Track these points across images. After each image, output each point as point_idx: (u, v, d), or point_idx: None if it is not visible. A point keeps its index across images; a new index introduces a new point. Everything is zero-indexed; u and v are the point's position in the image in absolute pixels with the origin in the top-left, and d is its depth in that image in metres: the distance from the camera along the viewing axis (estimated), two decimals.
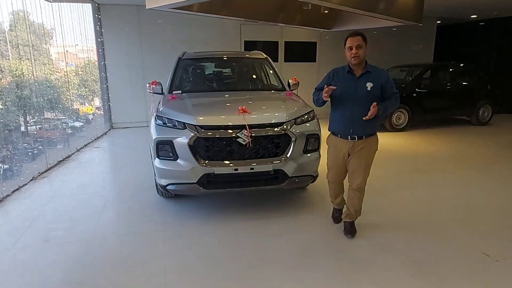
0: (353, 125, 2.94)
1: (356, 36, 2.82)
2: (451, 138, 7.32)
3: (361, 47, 2.81)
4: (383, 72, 2.96)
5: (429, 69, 8.56)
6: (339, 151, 3.06)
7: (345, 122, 2.96)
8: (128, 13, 8.16)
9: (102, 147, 6.82)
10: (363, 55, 2.84)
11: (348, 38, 2.86)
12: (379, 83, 2.88)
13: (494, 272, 2.70)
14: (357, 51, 2.81)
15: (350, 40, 2.84)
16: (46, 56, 6.75)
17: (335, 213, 3.49)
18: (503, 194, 4.25)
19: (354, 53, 2.82)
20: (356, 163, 3.03)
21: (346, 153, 3.03)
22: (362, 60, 2.87)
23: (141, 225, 3.49)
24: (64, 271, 2.74)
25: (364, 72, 2.90)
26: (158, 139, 3.47)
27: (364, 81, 2.88)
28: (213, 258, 2.91)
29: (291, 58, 9.41)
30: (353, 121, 2.93)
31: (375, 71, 2.92)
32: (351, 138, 2.97)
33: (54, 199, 4.17)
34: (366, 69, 2.91)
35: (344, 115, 2.97)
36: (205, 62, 5.38)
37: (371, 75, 2.89)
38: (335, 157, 3.11)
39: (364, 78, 2.90)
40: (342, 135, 3.02)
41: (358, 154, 3.00)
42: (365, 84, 2.87)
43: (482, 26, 10.88)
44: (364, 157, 3.01)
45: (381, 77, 2.90)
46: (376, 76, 2.89)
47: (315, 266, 2.78)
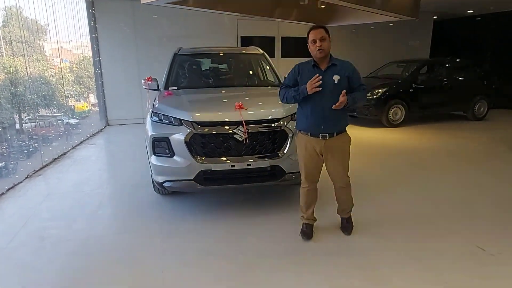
0: (324, 121, 2.82)
1: (319, 28, 2.77)
2: (447, 133, 7.34)
3: (325, 40, 2.75)
4: (349, 64, 2.89)
5: (426, 64, 8.57)
6: (310, 150, 2.92)
7: (315, 118, 2.83)
8: (123, 8, 8.07)
9: (98, 144, 6.78)
10: (327, 48, 2.78)
11: (311, 31, 2.80)
12: (346, 75, 2.81)
13: (489, 266, 2.71)
14: (322, 44, 2.74)
15: (313, 33, 2.77)
16: (40, 52, 6.67)
17: (306, 228, 3.12)
18: (499, 189, 4.27)
19: (319, 46, 2.74)
20: (336, 166, 2.96)
21: (318, 152, 2.90)
22: (327, 53, 2.80)
23: (138, 223, 3.47)
24: (59, 270, 2.72)
25: (329, 65, 2.83)
26: (154, 136, 3.44)
27: (331, 75, 2.80)
28: (211, 254, 2.90)
29: (288, 54, 9.37)
30: (323, 117, 2.81)
31: (340, 64, 2.85)
32: (322, 136, 2.84)
33: (50, 197, 4.14)
34: (332, 62, 2.83)
35: (314, 111, 2.84)
36: (201, 58, 5.34)
37: (337, 68, 2.82)
38: (307, 156, 2.94)
39: (330, 71, 2.82)
40: (312, 133, 2.88)
41: (333, 155, 2.91)
42: (331, 77, 2.79)
43: (479, 21, 10.89)
44: (341, 157, 2.96)
45: (347, 69, 2.84)
46: (342, 68, 2.82)
47: (313, 262, 2.78)
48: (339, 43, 9.75)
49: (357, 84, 2.87)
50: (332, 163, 2.95)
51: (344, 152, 2.96)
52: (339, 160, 2.95)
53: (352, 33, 9.85)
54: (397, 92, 7.75)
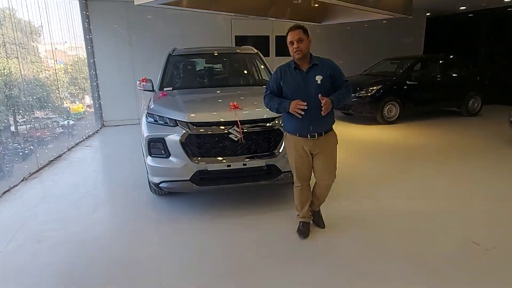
0: (311, 122, 2.80)
1: (296, 29, 2.71)
2: (441, 129, 7.40)
3: (303, 40, 2.70)
4: (330, 62, 2.86)
5: (419, 61, 8.62)
6: (300, 150, 2.92)
7: (302, 120, 2.78)
8: (117, 9, 8.05)
9: (93, 146, 6.76)
10: (305, 49, 2.73)
11: (288, 32, 2.74)
12: (328, 74, 2.78)
13: (484, 261, 2.75)
14: (299, 45, 2.70)
15: (290, 34, 2.73)
16: (35, 54, 6.65)
17: (302, 227, 3.14)
18: (492, 184, 4.31)
19: (296, 47, 2.71)
20: (324, 164, 2.97)
21: (307, 151, 2.91)
22: (305, 53, 2.76)
23: (135, 224, 3.48)
24: (57, 272, 2.73)
25: (310, 66, 2.79)
26: (149, 137, 3.45)
27: (313, 75, 2.77)
28: (208, 255, 2.92)
29: (282, 53, 9.35)
30: (310, 118, 2.77)
31: (321, 63, 2.82)
32: (310, 136, 2.83)
33: (46, 199, 4.13)
34: (312, 62, 2.79)
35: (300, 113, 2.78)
36: (195, 58, 5.35)
37: (318, 68, 2.79)
38: (297, 157, 2.95)
39: (312, 72, 2.78)
40: (300, 133, 2.87)
41: (322, 154, 2.92)
42: (314, 78, 2.76)
43: (471, 18, 10.96)
44: (330, 156, 2.97)
45: (329, 68, 2.80)
46: (323, 68, 2.79)
47: (309, 261, 2.80)
48: (333, 42, 9.81)
49: (340, 81, 2.84)
50: (322, 161, 2.96)
51: (332, 149, 2.98)
52: (329, 157, 2.96)
53: (346, 31, 9.89)
54: (391, 89, 7.79)
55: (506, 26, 10.10)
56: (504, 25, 10.14)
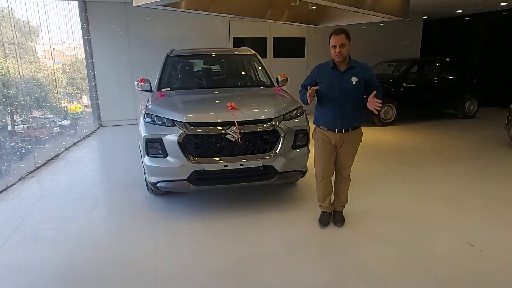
0: (340, 118, 3.04)
1: (340, 34, 2.90)
2: (438, 131, 7.45)
3: (345, 46, 2.90)
4: (367, 68, 3.09)
5: (416, 63, 8.68)
6: (327, 143, 3.13)
7: (332, 115, 3.05)
8: (115, 10, 8.06)
9: (91, 146, 6.77)
10: (346, 53, 2.94)
11: (332, 36, 2.94)
12: (364, 78, 2.99)
13: (478, 262, 2.78)
14: (341, 50, 2.90)
15: (334, 38, 2.92)
16: (33, 54, 6.65)
17: (323, 216, 3.38)
18: (488, 185, 4.36)
19: (338, 52, 2.91)
20: (346, 156, 3.18)
21: (333, 144, 3.12)
22: (345, 57, 2.97)
23: (132, 223, 3.50)
24: (54, 271, 2.74)
25: (348, 68, 3.00)
26: (147, 137, 3.47)
27: (349, 76, 2.98)
28: (204, 254, 2.94)
29: (280, 54, 9.43)
30: (340, 115, 3.02)
31: (358, 66, 3.03)
32: (338, 130, 3.05)
33: (43, 198, 4.14)
34: (350, 64, 3.01)
35: (331, 109, 3.05)
36: (193, 59, 5.37)
37: (355, 70, 3.00)
38: (323, 149, 3.16)
39: (348, 73, 3.00)
40: (329, 127, 3.09)
41: (346, 147, 3.13)
42: (350, 79, 2.97)
43: (467, 21, 11.05)
44: (352, 150, 3.18)
45: (365, 73, 3.02)
46: (360, 71, 3.01)
47: (306, 261, 2.83)
48: None
49: (373, 86, 3.01)
50: (343, 153, 3.16)
51: (355, 145, 3.19)
52: (350, 152, 3.18)
53: None
54: (388, 91, 7.82)
55: (502, 30, 10.19)
56: (500, 28, 10.23)
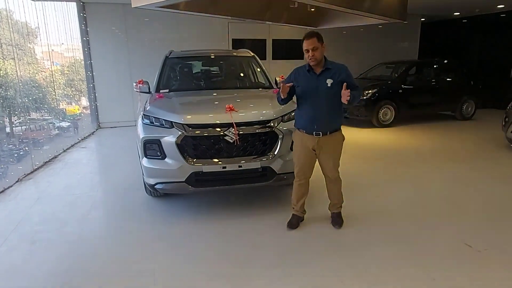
0: (317, 121, 3.01)
1: (311, 38, 2.88)
2: (436, 133, 7.47)
3: (317, 49, 2.88)
4: (343, 68, 3.02)
5: (414, 65, 8.71)
6: (305, 147, 3.11)
7: (309, 118, 3.03)
8: (114, 11, 8.06)
9: (89, 147, 6.75)
10: (320, 56, 2.92)
11: (304, 40, 2.91)
12: (339, 79, 2.93)
13: (476, 263, 2.77)
14: (314, 53, 2.88)
15: (306, 42, 2.90)
16: (31, 55, 6.64)
17: (292, 219, 3.33)
18: (485, 187, 4.36)
19: (311, 55, 2.89)
20: (326, 160, 3.16)
21: (311, 148, 3.08)
22: (319, 60, 2.94)
23: (129, 225, 3.48)
24: (51, 273, 2.72)
25: (323, 70, 2.97)
26: (145, 138, 3.46)
27: (324, 78, 2.95)
28: (202, 256, 2.93)
29: (279, 56, 9.45)
30: (317, 118, 3.00)
31: (334, 68, 2.99)
32: (315, 134, 3.03)
33: (40, 200, 4.12)
34: (326, 66, 2.98)
35: (308, 112, 3.04)
36: (192, 60, 5.37)
37: (331, 72, 2.97)
38: (302, 152, 3.14)
39: (324, 75, 2.97)
40: (307, 131, 3.07)
41: (325, 152, 3.10)
42: (325, 81, 2.94)
43: (465, 23, 11.10)
44: (332, 153, 3.14)
45: (340, 74, 2.96)
46: (336, 73, 2.96)
47: (303, 263, 2.82)
48: (330, 45, 9.86)
49: (351, 88, 2.95)
50: (323, 158, 3.15)
51: (335, 149, 3.14)
52: (330, 155, 3.13)
53: (342, 35, 9.96)
54: (386, 93, 7.86)
55: (499, 32, 10.24)
56: (497, 30, 10.28)
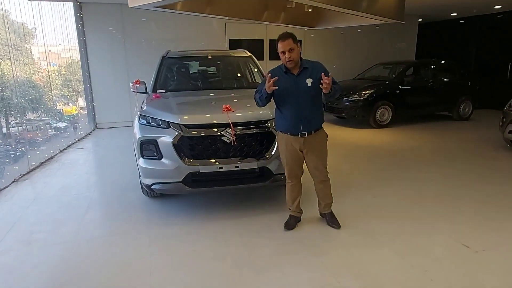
0: (301, 122, 3.00)
1: (286, 39, 2.86)
2: (433, 133, 7.48)
3: (293, 50, 2.87)
4: (320, 66, 3.00)
5: (412, 66, 8.71)
6: (291, 148, 3.10)
7: (293, 119, 3.00)
8: (111, 11, 8.04)
9: (86, 148, 6.72)
10: (296, 57, 2.90)
11: (279, 42, 2.90)
12: (318, 77, 2.89)
13: (474, 263, 2.78)
14: (291, 55, 2.87)
15: (281, 44, 2.88)
16: (28, 56, 6.61)
17: (290, 220, 3.34)
18: (482, 187, 4.37)
19: (288, 57, 2.87)
20: (314, 160, 3.15)
21: (298, 149, 3.09)
22: (296, 61, 2.92)
23: (126, 226, 3.47)
24: (47, 274, 2.70)
25: (301, 70, 2.96)
26: (142, 139, 3.45)
27: (304, 78, 2.94)
28: (198, 257, 2.91)
29: (276, 56, 9.31)
30: (300, 118, 2.99)
31: (312, 67, 2.97)
32: (301, 134, 3.02)
33: (37, 201, 4.10)
34: (303, 66, 2.96)
35: (291, 113, 3.00)
36: (189, 60, 5.36)
37: (308, 71, 2.95)
38: (288, 154, 3.13)
39: (302, 75, 2.95)
40: (291, 132, 3.05)
41: (312, 151, 3.10)
42: (305, 81, 2.93)
43: (462, 24, 11.13)
44: (318, 152, 3.14)
45: (318, 71, 2.91)
46: (313, 71, 2.95)
47: (300, 263, 2.81)
48: (327, 46, 9.89)
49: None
50: (312, 158, 3.14)
51: (321, 147, 3.16)
52: (318, 155, 3.14)
53: (339, 35, 9.97)
54: (384, 93, 7.87)
55: (496, 32, 10.27)
56: (494, 31, 10.31)
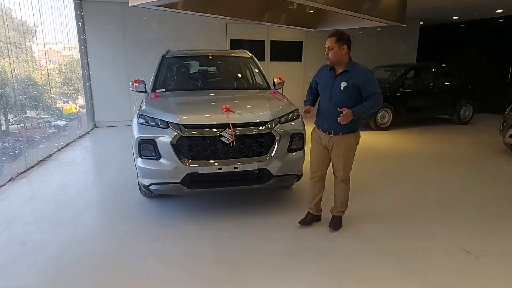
0: (327, 121, 3.06)
1: (330, 37, 2.94)
2: (433, 136, 7.45)
3: (332, 49, 2.90)
4: (362, 73, 2.97)
5: (413, 69, 8.70)
6: (319, 143, 3.18)
7: (323, 117, 3.10)
8: (112, 10, 8.01)
9: (84, 147, 6.68)
10: (333, 57, 2.92)
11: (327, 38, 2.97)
12: (354, 83, 2.90)
13: (474, 269, 2.74)
14: (328, 52, 2.93)
15: (326, 40, 2.96)
16: (28, 53, 6.57)
17: (306, 216, 3.38)
18: (483, 191, 4.34)
19: (326, 54, 2.96)
20: (336, 158, 3.16)
21: (324, 145, 3.15)
22: (333, 61, 2.96)
23: (123, 226, 3.42)
24: (41, 275, 2.66)
25: (342, 71, 2.97)
26: (140, 138, 3.41)
27: (340, 80, 2.96)
28: (196, 259, 2.87)
29: (277, 57, 9.41)
30: (327, 117, 3.04)
31: (354, 71, 2.94)
32: (328, 132, 3.09)
33: (33, 200, 4.05)
34: (346, 68, 2.95)
35: (322, 110, 3.11)
36: (189, 60, 5.33)
37: (348, 75, 2.94)
38: (316, 149, 3.22)
39: (340, 77, 2.97)
40: (321, 128, 3.15)
41: (336, 150, 3.11)
42: (340, 83, 2.95)
43: (463, 27, 11.12)
44: (342, 153, 3.11)
45: (358, 78, 2.91)
46: (353, 76, 2.92)
47: (299, 266, 2.77)
48: None
49: (368, 93, 2.93)
50: (334, 155, 3.16)
51: (345, 150, 3.10)
52: (340, 156, 3.13)
53: None
54: (384, 96, 7.74)
55: (497, 36, 10.26)
56: (496, 35, 10.30)
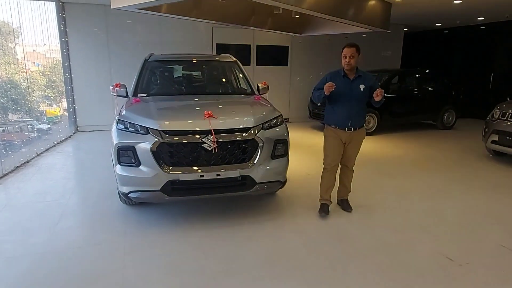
0: (351, 119, 3.57)
1: (351, 47, 3.47)
2: (417, 142, 7.53)
3: (354, 57, 3.46)
4: (372, 77, 3.68)
5: (397, 74, 8.81)
6: (338, 140, 3.63)
7: (344, 116, 3.57)
8: (95, 12, 7.87)
9: (65, 152, 6.50)
10: (354, 63, 3.50)
11: (345, 47, 3.49)
12: (369, 85, 3.55)
13: (457, 277, 2.72)
14: (350, 60, 3.46)
15: (346, 50, 3.47)
16: (11, 55, 6.38)
17: (323, 207, 3.76)
18: (466, 197, 4.37)
19: (347, 62, 3.47)
20: (353, 150, 3.74)
21: (343, 141, 3.64)
22: (353, 67, 3.51)
23: (101, 236, 3.31)
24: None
25: (356, 76, 3.55)
26: (119, 145, 3.31)
27: (358, 84, 3.53)
28: (176, 269, 2.78)
29: (263, 62, 9.39)
30: (351, 115, 3.56)
31: (365, 75, 3.60)
32: (348, 129, 3.58)
33: (7, 208, 3.89)
34: (358, 73, 3.56)
35: (343, 111, 3.57)
36: (172, 64, 5.23)
37: (362, 79, 3.55)
38: (334, 144, 3.66)
39: (357, 81, 3.54)
40: (340, 126, 3.60)
41: (354, 143, 3.69)
42: (358, 86, 3.52)
43: (446, 34, 11.35)
44: (358, 145, 3.75)
45: (370, 81, 3.59)
46: (366, 80, 3.57)
47: (283, 276, 2.71)
48: (314, 53, 9.90)
49: None
50: (351, 148, 3.73)
51: (360, 142, 3.76)
52: (357, 147, 3.75)
53: (326, 43, 9.99)
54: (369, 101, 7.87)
55: (479, 43, 10.50)
56: (478, 42, 10.54)
